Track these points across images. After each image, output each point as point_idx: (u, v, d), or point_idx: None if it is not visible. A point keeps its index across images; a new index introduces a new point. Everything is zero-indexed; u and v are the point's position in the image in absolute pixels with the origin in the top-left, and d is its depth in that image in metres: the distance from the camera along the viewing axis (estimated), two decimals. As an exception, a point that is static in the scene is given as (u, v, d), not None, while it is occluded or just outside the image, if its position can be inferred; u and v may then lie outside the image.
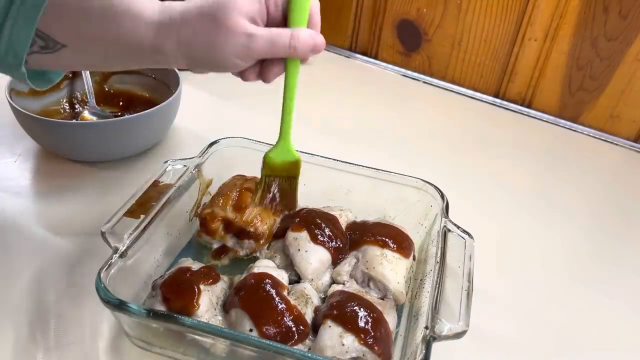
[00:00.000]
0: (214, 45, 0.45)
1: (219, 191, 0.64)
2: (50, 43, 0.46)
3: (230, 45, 0.45)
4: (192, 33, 0.45)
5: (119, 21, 0.45)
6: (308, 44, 0.47)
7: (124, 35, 0.45)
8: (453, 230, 0.56)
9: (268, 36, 0.45)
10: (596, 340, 0.59)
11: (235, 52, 0.45)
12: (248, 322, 0.49)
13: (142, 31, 0.45)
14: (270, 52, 0.46)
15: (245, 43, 0.45)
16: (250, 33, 0.45)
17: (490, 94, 1.07)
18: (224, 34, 0.44)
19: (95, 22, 0.45)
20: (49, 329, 0.53)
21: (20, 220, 0.65)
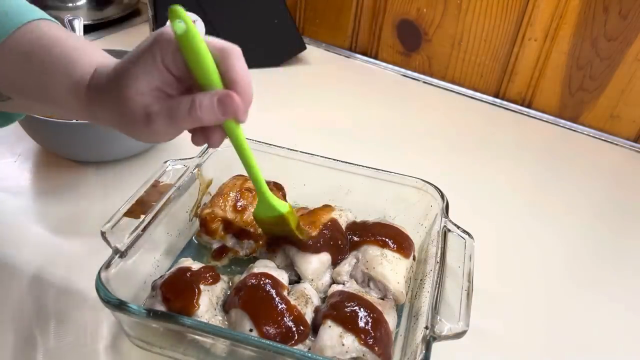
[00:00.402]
0: (122, 123, 0.43)
1: (219, 191, 0.64)
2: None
3: (135, 127, 0.42)
4: (105, 109, 0.43)
5: (53, 86, 0.44)
6: (211, 109, 0.41)
7: (58, 101, 0.45)
8: (453, 230, 0.56)
9: (166, 111, 0.41)
10: (596, 340, 0.59)
11: (142, 131, 0.42)
12: (248, 322, 0.49)
13: (72, 100, 0.44)
14: (174, 127, 0.42)
15: (144, 122, 0.41)
16: (147, 112, 0.41)
17: (490, 94, 1.07)
18: (126, 115, 0.42)
19: (33, 79, 0.45)
20: (49, 329, 0.53)
21: (20, 220, 0.65)
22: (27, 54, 0.44)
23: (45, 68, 0.44)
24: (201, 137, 0.45)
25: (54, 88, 0.44)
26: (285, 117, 0.93)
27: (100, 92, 0.43)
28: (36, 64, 0.44)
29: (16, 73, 0.45)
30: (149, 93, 0.41)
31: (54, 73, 0.44)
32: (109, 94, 0.42)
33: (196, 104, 0.40)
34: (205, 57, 0.40)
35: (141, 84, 0.41)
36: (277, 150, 0.66)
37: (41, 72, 0.44)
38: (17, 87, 0.46)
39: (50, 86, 0.44)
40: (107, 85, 0.42)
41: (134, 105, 0.41)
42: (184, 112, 0.41)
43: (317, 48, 1.17)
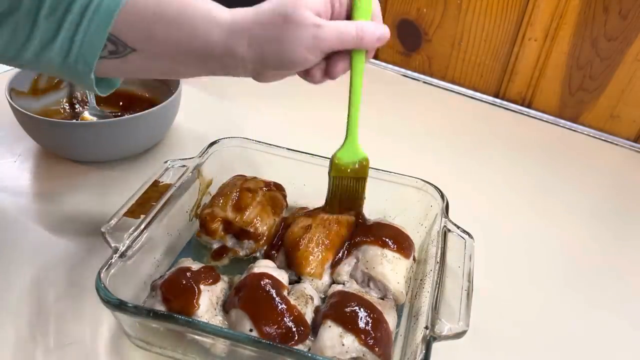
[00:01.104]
0: (283, 40, 0.45)
1: (219, 191, 0.64)
2: (120, 47, 0.47)
3: (299, 37, 0.45)
4: (263, 31, 0.46)
5: (193, 24, 0.46)
6: (374, 33, 0.48)
7: (196, 38, 0.46)
8: (453, 230, 0.56)
9: (335, 26, 0.46)
10: (596, 340, 0.59)
11: (304, 45, 0.45)
12: (248, 322, 0.49)
13: (215, 33, 0.46)
14: (337, 43, 0.47)
15: (314, 34, 0.45)
16: (318, 24, 0.45)
17: (490, 93, 1.07)
18: (293, 27, 0.45)
19: (169, 26, 0.46)
20: (49, 329, 0.53)
21: (20, 220, 0.65)
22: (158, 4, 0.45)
23: (181, 13, 0.46)
24: (322, 69, 0.49)
25: (193, 29, 0.46)
26: (285, 117, 0.93)
27: (255, 17, 0.46)
28: (171, 11, 0.46)
29: (149, 23, 0.46)
30: (314, 12, 0.46)
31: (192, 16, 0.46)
32: (272, 12, 0.45)
33: (361, 27, 0.47)
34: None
35: (312, 3, 0.45)
36: (277, 150, 0.66)
37: (176, 17, 0.46)
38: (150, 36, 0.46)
39: (187, 29, 0.46)
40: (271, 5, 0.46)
41: (303, 18, 0.45)
42: (352, 31, 0.47)
43: (317, 48, 1.17)
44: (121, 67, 0.48)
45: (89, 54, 0.45)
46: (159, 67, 0.49)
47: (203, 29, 0.46)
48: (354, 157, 0.56)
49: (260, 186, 0.65)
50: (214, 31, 0.46)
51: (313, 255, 0.58)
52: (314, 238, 0.59)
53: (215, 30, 0.46)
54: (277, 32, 0.45)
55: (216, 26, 0.46)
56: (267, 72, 0.49)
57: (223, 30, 0.46)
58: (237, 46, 0.46)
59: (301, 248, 0.58)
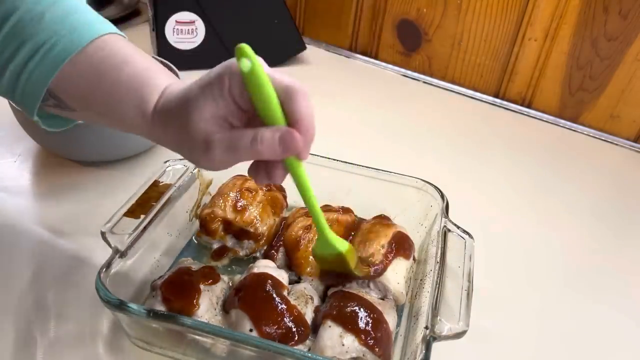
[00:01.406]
0: (183, 148, 0.44)
1: (218, 191, 0.64)
2: (62, 104, 0.47)
3: (195, 153, 0.43)
4: (168, 134, 0.44)
5: (120, 105, 0.45)
6: (272, 145, 0.41)
7: (124, 120, 0.46)
8: (453, 230, 0.56)
9: (227, 141, 0.41)
10: (597, 340, 0.59)
11: (201, 158, 0.43)
12: (248, 322, 0.49)
13: (137, 121, 0.45)
14: (233, 158, 0.42)
15: (203, 150, 0.42)
16: (208, 140, 0.41)
17: (490, 94, 1.07)
18: (186, 140, 0.43)
19: (100, 97, 0.45)
20: (49, 329, 0.53)
21: (20, 220, 0.65)
22: (97, 71, 0.45)
23: (115, 88, 0.45)
24: (263, 172, 0.45)
25: (122, 107, 0.45)
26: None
27: (165, 115, 0.44)
28: (106, 83, 0.45)
29: (85, 88, 0.46)
30: (212, 121, 0.41)
31: (124, 93, 0.45)
32: (174, 117, 0.43)
33: (257, 138, 0.41)
34: (269, 95, 0.41)
35: (206, 111, 0.41)
36: (277, 150, 0.66)
37: (111, 91, 0.45)
38: (85, 102, 0.47)
39: (118, 105, 0.45)
40: (174, 109, 0.43)
41: (196, 131, 0.41)
42: (246, 145, 0.41)
43: (317, 48, 1.17)
44: (71, 116, 0.50)
45: (30, 101, 0.46)
46: (108, 124, 0.50)
47: (127, 114, 0.45)
48: (329, 250, 0.52)
49: (261, 186, 0.65)
50: (135, 120, 0.45)
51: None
52: (314, 238, 0.59)
53: (137, 120, 0.45)
54: (180, 145, 0.44)
55: (139, 116, 0.45)
56: None
57: (144, 122, 0.45)
58: (159, 134, 0.45)
59: (301, 248, 0.58)
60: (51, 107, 0.48)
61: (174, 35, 1.00)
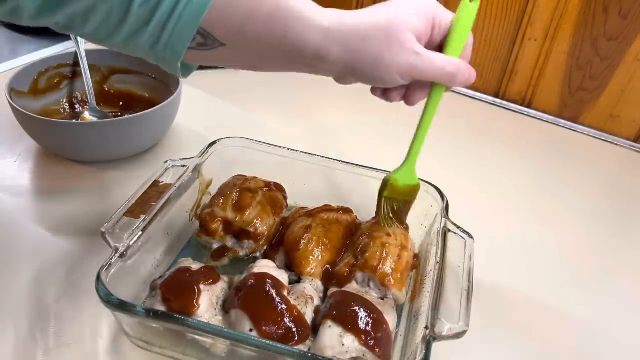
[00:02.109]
0: (381, 58, 0.45)
1: (219, 191, 0.64)
2: (210, 41, 0.46)
3: (397, 60, 0.45)
4: (362, 43, 0.45)
5: (286, 25, 0.45)
6: (466, 76, 0.48)
7: (289, 37, 0.45)
8: (453, 230, 0.56)
9: (433, 59, 0.46)
10: (596, 341, 0.59)
11: (399, 68, 0.46)
12: (248, 322, 0.49)
13: (310, 34, 0.45)
14: (431, 76, 0.47)
15: (412, 61, 0.45)
16: (418, 52, 0.45)
17: (490, 93, 1.07)
18: (395, 48, 0.45)
19: (261, 25, 0.45)
20: (49, 329, 0.53)
21: (20, 220, 0.65)
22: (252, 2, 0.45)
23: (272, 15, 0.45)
24: (402, 94, 0.51)
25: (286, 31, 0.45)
26: (285, 117, 0.92)
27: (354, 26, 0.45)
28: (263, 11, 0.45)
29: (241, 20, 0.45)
30: (414, 35, 0.46)
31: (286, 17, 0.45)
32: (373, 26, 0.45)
33: (457, 66, 0.47)
34: (468, 32, 0.48)
35: (416, 26, 0.45)
36: (277, 150, 0.66)
37: (268, 18, 0.45)
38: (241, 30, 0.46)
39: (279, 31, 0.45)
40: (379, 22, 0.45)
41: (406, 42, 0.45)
42: (448, 68, 0.46)
43: (317, 48, 1.17)
44: (207, 58, 0.49)
45: (178, 45, 0.46)
46: (244, 61, 0.49)
47: (296, 30, 0.45)
48: (409, 181, 0.56)
49: (260, 186, 0.65)
50: (308, 33, 0.45)
51: (313, 255, 0.58)
52: (314, 238, 0.59)
53: (310, 32, 0.45)
54: (376, 49, 0.45)
55: (311, 28, 0.45)
56: (351, 79, 0.49)
57: (318, 32, 0.45)
58: (330, 51, 0.46)
59: (301, 248, 0.58)
60: (194, 48, 0.47)
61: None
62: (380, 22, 0.45)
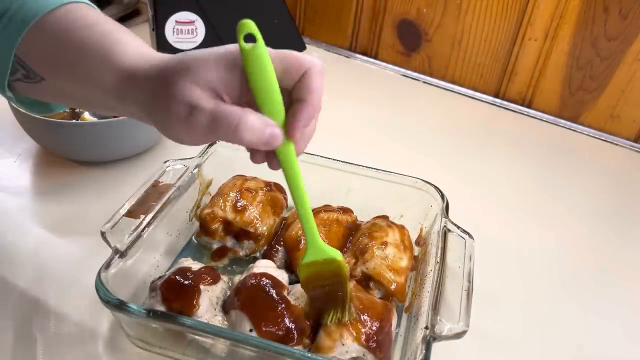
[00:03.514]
0: (157, 110, 0.40)
1: (218, 192, 0.64)
2: (31, 74, 0.45)
3: (172, 115, 0.39)
4: (146, 91, 0.40)
5: (91, 62, 0.42)
6: (256, 134, 0.38)
7: (92, 80, 0.43)
8: (453, 230, 0.56)
9: (213, 113, 0.38)
10: (596, 341, 0.59)
11: (178, 124, 0.39)
12: (247, 323, 0.49)
13: (108, 78, 0.42)
14: (211, 133, 0.39)
15: (184, 115, 0.38)
16: (194, 105, 0.38)
17: (490, 93, 1.07)
18: (165, 99, 0.39)
19: (69, 59, 0.43)
20: (48, 329, 0.53)
21: (20, 220, 0.65)
22: (67, 31, 0.43)
23: (86, 44, 0.42)
24: (263, 156, 0.43)
25: (92, 63, 0.42)
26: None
27: (147, 71, 0.41)
28: (76, 41, 0.42)
29: (54, 48, 0.43)
30: (206, 87, 0.39)
31: (95, 49, 0.42)
32: (156, 76, 0.40)
33: (247, 124, 0.38)
34: (270, 79, 0.38)
35: (204, 74, 0.38)
36: (277, 150, 0.66)
37: (81, 48, 0.42)
38: (53, 64, 0.44)
39: (89, 61, 0.42)
40: (163, 64, 0.40)
41: (183, 92, 0.38)
42: (231, 124, 0.38)
43: (317, 48, 1.17)
44: (41, 93, 0.47)
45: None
46: (72, 99, 0.47)
47: (97, 71, 0.42)
48: (320, 256, 0.47)
49: (260, 186, 0.65)
50: (106, 77, 0.42)
51: (313, 255, 0.58)
52: (314, 238, 0.59)
53: (108, 76, 0.42)
54: (154, 99, 0.40)
55: (110, 70, 0.41)
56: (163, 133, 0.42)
57: (116, 78, 0.41)
58: (126, 99, 0.42)
59: (301, 248, 0.58)
60: (20, 80, 0.46)
61: (174, 35, 1.00)
62: (163, 69, 0.40)
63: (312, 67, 0.40)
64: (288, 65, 0.40)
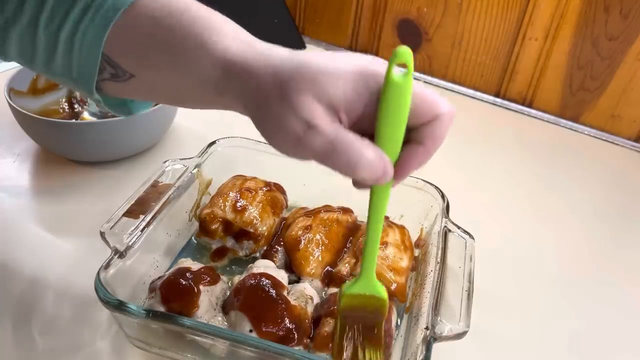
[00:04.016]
0: (265, 116, 0.36)
1: (218, 191, 0.64)
2: (119, 71, 0.42)
3: (283, 126, 0.35)
4: (253, 91, 0.36)
5: (186, 51, 0.38)
6: (372, 172, 0.35)
7: (191, 70, 0.39)
8: (453, 230, 0.56)
9: (333, 141, 0.34)
10: (596, 341, 0.59)
11: (285, 137, 0.35)
12: (247, 323, 0.48)
13: (206, 67, 0.38)
14: (324, 159, 0.35)
15: (299, 132, 0.34)
16: (313, 124, 0.34)
17: (491, 93, 1.07)
18: (279, 107, 0.35)
19: (161, 51, 0.39)
20: (48, 329, 0.53)
21: (20, 220, 0.65)
22: (155, 18, 0.39)
23: (178, 32, 0.39)
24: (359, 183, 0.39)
25: (187, 55, 0.38)
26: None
27: (254, 69, 0.36)
28: (167, 28, 0.39)
29: (143, 40, 0.40)
30: (325, 104, 0.34)
31: (189, 38, 0.38)
32: (272, 78, 0.35)
33: (366, 162, 0.34)
34: (404, 116, 0.34)
35: (331, 91, 0.34)
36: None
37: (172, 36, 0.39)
38: (143, 58, 0.41)
39: (182, 53, 0.39)
40: (278, 66, 0.35)
41: (301, 107, 0.34)
42: (351, 160, 0.34)
43: (317, 48, 1.17)
44: (131, 92, 0.44)
45: (87, 75, 0.41)
46: (164, 96, 0.44)
47: (194, 60, 0.38)
48: (369, 291, 0.44)
49: (260, 186, 0.64)
50: (204, 66, 0.38)
51: (313, 255, 0.58)
52: (314, 238, 0.59)
53: (206, 66, 0.38)
54: (265, 103, 0.36)
55: (209, 60, 0.38)
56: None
57: (216, 68, 0.38)
58: (226, 93, 0.38)
59: (301, 248, 0.58)
60: (108, 79, 0.43)
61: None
62: (282, 72, 0.35)
63: (445, 115, 0.36)
64: (423, 104, 0.36)
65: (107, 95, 0.45)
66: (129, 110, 0.49)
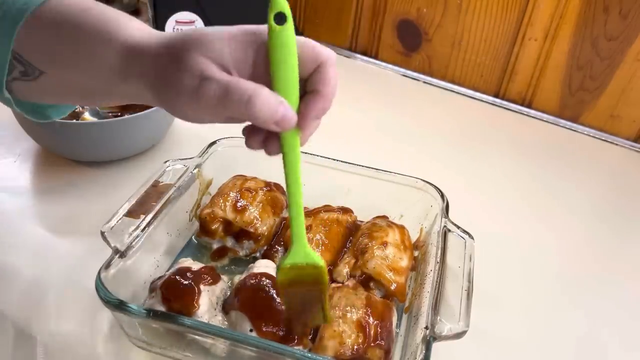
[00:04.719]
0: (166, 83, 0.38)
1: (218, 191, 0.64)
2: (29, 69, 0.43)
3: (180, 85, 0.37)
4: (153, 65, 0.39)
5: (92, 42, 0.40)
6: (268, 111, 0.37)
7: (95, 60, 0.41)
8: (453, 230, 0.56)
9: (225, 84, 0.36)
10: (596, 341, 0.59)
11: (184, 97, 0.38)
12: (247, 323, 0.49)
13: (111, 56, 0.40)
14: (221, 105, 0.37)
15: (195, 85, 0.37)
16: (205, 75, 0.37)
17: (491, 93, 1.07)
18: (174, 72, 0.37)
19: (68, 44, 0.41)
20: (48, 329, 0.53)
21: (20, 220, 0.65)
22: (63, 14, 0.41)
23: (84, 26, 0.41)
24: (259, 137, 0.41)
25: (93, 46, 0.40)
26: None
27: (151, 50, 0.39)
28: (74, 23, 0.41)
29: (53, 37, 0.41)
30: (217, 61, 0.37)
31: (94, 30, 0.40)
32: (164, 51, 0.38)
33: (260, 98, 0.36)
34: (293, 63, 0.37)
35: (219, 50, 0.37)
36: (277, 150, 0.66)
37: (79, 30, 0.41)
38: (51, 54, 0.42)
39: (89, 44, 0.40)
40: (168, 41, 0.39)
41: (192, 65, 0.37)
42: (243, 96, 0.36)
43: (317, 48, 1.17)
44: (39, 91, 0.45)
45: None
46: (74, 93, 0.45)
47: (99, 51, 0.40)
48: (304, 260, 0.44)
49: (260, 186, 0.65)
50: (109, 55, 0.40)
51: (313, 255, 0.58)
52: (313, 238, 0.59)
53: (111, 54, 0.40)
54: (162, 73, 0.38)
55: (111, 49, 0.39)
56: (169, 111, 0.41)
57: (118, 55, 0.40)
58: (130, 77, 0.40)
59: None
60: (18, 79, 0.44)
61: (174, 35, 1.00)
62: (173, 42, 0.38)
63: (329, 59, 0.40)
64: (305, 54, 0.39)
65: (18, 98, 0.45)
66: (44, 113, 0.49)
